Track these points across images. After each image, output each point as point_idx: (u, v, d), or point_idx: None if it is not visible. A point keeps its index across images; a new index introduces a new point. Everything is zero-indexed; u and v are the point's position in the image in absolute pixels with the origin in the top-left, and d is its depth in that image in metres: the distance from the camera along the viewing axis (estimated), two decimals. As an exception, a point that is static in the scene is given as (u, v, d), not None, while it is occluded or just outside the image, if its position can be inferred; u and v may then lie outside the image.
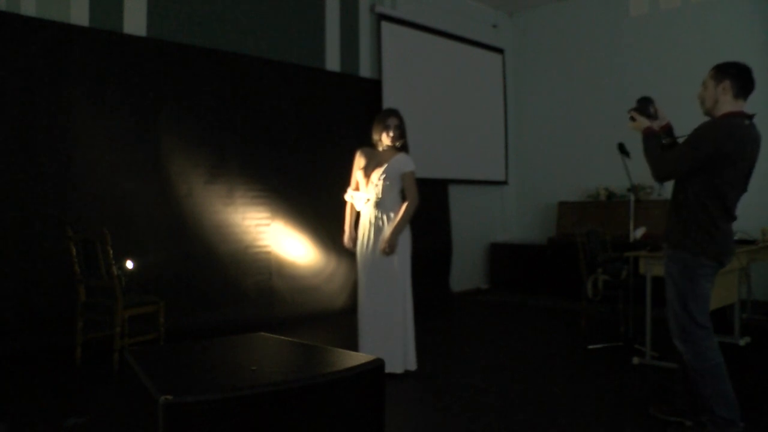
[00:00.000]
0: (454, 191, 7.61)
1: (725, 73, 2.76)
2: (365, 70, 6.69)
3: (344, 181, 4.20)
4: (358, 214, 4.09)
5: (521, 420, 3.12)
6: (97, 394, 3.53)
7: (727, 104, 2.76)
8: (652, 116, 3.02)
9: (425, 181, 6.15)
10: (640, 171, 5.85)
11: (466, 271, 7.78)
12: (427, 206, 5.45)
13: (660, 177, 2.89)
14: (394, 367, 3.79)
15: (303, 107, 6.02)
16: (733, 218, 2.83)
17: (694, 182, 2.78)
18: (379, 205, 3.94)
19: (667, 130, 3.05)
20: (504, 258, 8.00)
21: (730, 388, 2.76)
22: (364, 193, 4.01)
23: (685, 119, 3.45)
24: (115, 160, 4.80)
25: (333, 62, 6.38)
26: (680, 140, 3.00)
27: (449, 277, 7.43)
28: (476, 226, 7.98)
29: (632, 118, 3.04)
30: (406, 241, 3.97)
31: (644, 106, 3.03)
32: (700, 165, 2.72)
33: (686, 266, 2.81)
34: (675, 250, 2.86)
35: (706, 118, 2.86)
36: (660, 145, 2.94)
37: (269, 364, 2.01)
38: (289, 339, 2.35)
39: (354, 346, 3.91)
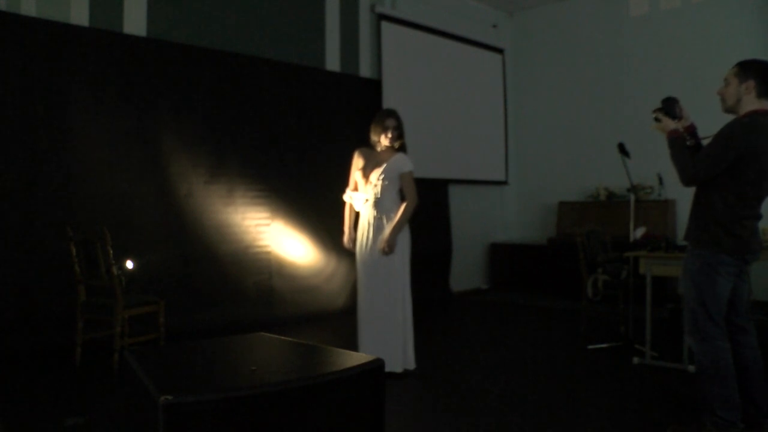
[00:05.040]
0: (454, 191, 7.60)
1: (750, 72, 2.73)
2: (365, 70, 6.69)
3: (344, 181, 4.19)
4: (357, 215, 4.09)
5: (521, 420, 3.12)
6: (97, 394, 3.53)
7: (750, 103, 2.74)
8: (678, 117, 2.96)
9: (425, 181, 6.15)
10: (640, 171, 5.90)
11: (466, 271, 7.78)
12: (426, 206, 5.44)
13: (689, 182, 2.83)
14: (393, 366, 3.79)
15: (303, 107, 6.02)
16: (758, 216, 2.81)
17: (717, 180, 2.75)
18: (378, 205, 3.94)
19: (692, 131, 2.99)
20: (504, 258, 8.00)
21: (735, 389, 2.75)
22: (362, 194, 4.01)
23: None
24: (115, 160, 4.80)
25: (333, 62, 6.38)
26: (704, 141, 2.94)
27: (449, 277, 7.43)
28: (476, 226, 7.97)
29: (657, 119, 2.98)
30: (405, 240, 3.97)
31: (670, 106, 2.96)
32: (730, 165, 2.70)
33: (706, 263, 2.79)
34: (695, 247, 2.85)
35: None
36: (686, 149, 2.88)
37: (269, 364, 2.01)
38: (289, 339, 2.35)
39: (354, 346, 3.91)
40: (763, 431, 2.80)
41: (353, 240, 4.09)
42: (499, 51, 8.29)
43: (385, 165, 3.94)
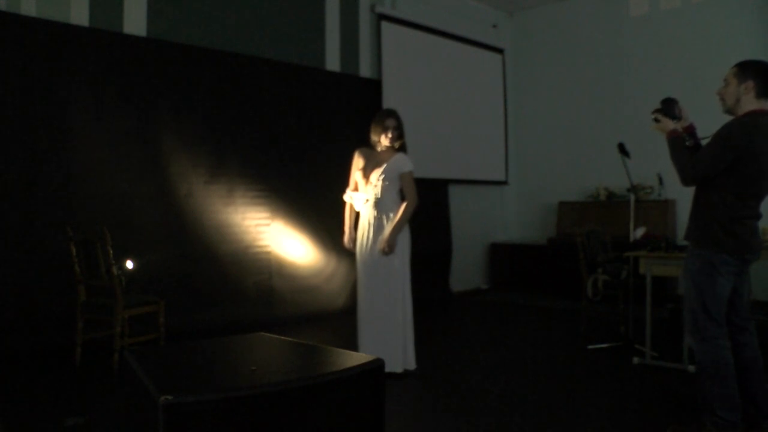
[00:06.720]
0: (454, 191, 7.60)
1: (749, 72, 2.73)
2: (365, 70, 6.69)
3: (344, 181, 4.20)
4: (357, 215, 4.09)
5: (521, 420, 3.12)
6: (97, 394, 3.53)
7: (750, 103, 2.74)
8: (677, 117, 2.96)
9: (425, 181, 6.14)
10: (640, 171, 5.90)
11: (466, 271, 7.78)
12: (426, 206, 5.44)
13: (688, 182, 2.83)
14: (393, 366, 3.79)
15: (303, 107, 6.02)
16: (758, 216, 2.81)
17: (716, 180, 2.76)
18: (378, 205, 3.94)
19: (691, 131, 2.99)
20: (504, 258, 8.00)
21: (736, 389, 2.75)
22: (363, 194, 4.01)
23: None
24: (115, 160, 4.80)
25: (333, 62, 6.38)
26: (703, 141, 2.94)
27: (449, 277, 7.43)
28: (476, 226, 7.97)
29: (656, 120, 2.98)
30: (405, 240, 3.97)
31: (669, 107, 2.96)
32: (729, 165, 2.70)
33: (707, 263, 2.79)
34: (696, 247, 2.85)
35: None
36: (686, 149, 2.88)
37: (269, 364, 2.01)
38: (289, 339, 2.35)
39: (354, 346, 3.91)
40: (763, 431, 2.80)
41: (353, 240, 4.09)
42: (499, 51, 8.28)
43: (385, 165, 3.94)
